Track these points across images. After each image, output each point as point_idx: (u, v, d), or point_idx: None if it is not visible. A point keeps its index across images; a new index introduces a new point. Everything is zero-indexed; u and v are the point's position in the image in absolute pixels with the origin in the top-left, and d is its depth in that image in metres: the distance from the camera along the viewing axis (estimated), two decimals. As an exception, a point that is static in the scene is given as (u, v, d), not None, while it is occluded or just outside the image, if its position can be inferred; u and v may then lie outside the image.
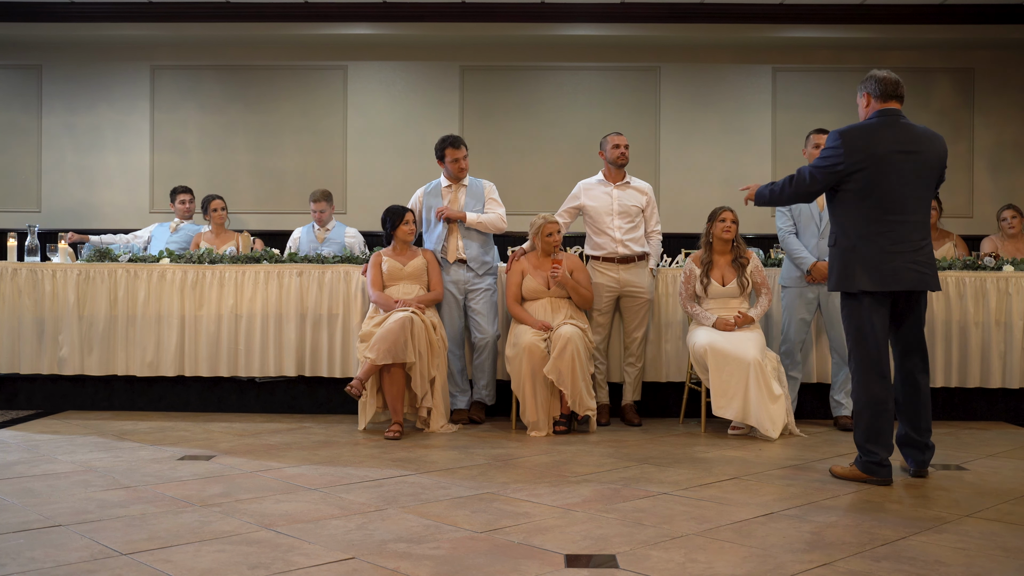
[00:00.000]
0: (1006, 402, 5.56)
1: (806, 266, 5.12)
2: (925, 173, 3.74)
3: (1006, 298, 5.44)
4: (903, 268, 3.67)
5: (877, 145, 3.69)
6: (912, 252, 3.69)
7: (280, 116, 8.09)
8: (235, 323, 5.48)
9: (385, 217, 5.26)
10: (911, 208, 3.70)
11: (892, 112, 3.77)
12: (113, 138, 8.10)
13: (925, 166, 3.73)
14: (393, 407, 4.85)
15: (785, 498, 3.46)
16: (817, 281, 5.12)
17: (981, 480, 3.84)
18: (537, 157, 8.02)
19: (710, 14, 7.67)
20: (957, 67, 8.01)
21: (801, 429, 5.03)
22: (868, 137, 3.72)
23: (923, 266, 3.71)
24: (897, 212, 3.69)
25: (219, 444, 4.54)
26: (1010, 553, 2.76)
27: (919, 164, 3.72)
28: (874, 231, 3.69)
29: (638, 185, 5.46)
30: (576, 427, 5.08)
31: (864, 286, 3.69)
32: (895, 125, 3.74)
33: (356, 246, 6.46)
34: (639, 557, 2.65)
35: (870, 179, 3.69)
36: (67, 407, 5.64)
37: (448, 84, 8.07)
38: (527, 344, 4.87)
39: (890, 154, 3.69)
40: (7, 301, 5.50)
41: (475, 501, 3.36)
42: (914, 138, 3.74)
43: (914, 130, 3.77)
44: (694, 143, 8.07)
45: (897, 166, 3.68)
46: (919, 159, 3.72)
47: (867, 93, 3.83)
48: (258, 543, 2.78)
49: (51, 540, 2.80)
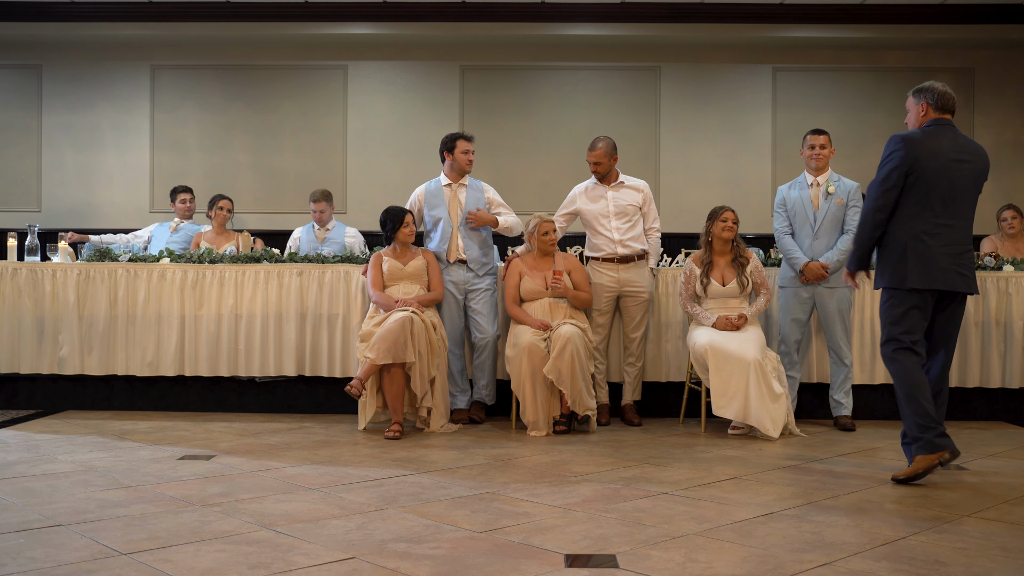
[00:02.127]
0: (1006, 402, 5.56)
1: (799, 266, 5.13)
2: (974, 181, 3.92)
3: (1006, 298, 5.44)
4: (949, 269, 3.83)
5: (935, 151, 3.85)
6: (959, 255, 3.86)
7: (280, 116, 8.09)
8: (235, 323, 5.48)
9: (384, 219, 5.25)
10: (961, 213, 3.88)
11: (946, 123, 3.94)
12: (113, 138, 8.10)
13: (975, 175, 3.91)
14: (393, 407, 4.85)
15: (785, 498, 3.46)
16: (810, 281, 5.13)
17: (981, 480, 3.84)
18: (537, 157, 8.02)
19: (710, 14, 7.67)
20: (957, 67, 8.01)
21: (801, 429, 5.03)
22: (927, 143, 3.87)
23: (967, 269, 3.89)
24: (949, 216, 3.85)
25: (219, 444, 4.54)
26: (1010, 553, 2.76)
27: (970, 172, 3.89)
28: (927, 231, 3.83)
29: (633, 184, 5.46)
30: (576, 427, 5.08)
31: (913, 283, 3.81)
32: (954, 135, 3.92)
33: (356, 246, 6.46)
34: (639, 557, 2.65)
35: (927, 182, 3.83)
36: (67, 407, 5.64)
37: (448, 84, 8.07)
38: (527, 344, 4.87)
39: (948, 161, 3.85)
40: (7, 301, 5.51)
41: (475, 501, 3.36)
42: (966, 148, 3.92)
43: (965, 140, 3.95)
44: (694, 143, 8.07)
45: (952, 172, 3.85)
46: (971, 168, 3.90)
47: (926, 102, 3.97)
48: (258, 543, 2.78)
49: (51, 540, 2.80)
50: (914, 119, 4.00)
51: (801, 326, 5.24)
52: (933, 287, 3.81)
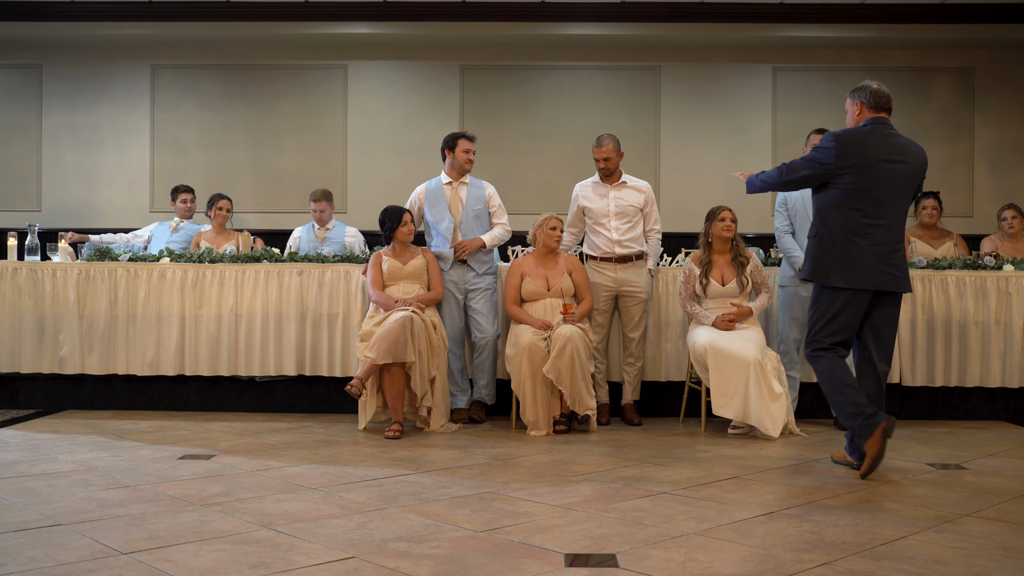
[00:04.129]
0: (1006, 402, 5.56)
1: (799, 265, 5.12)
2: (907, 182, 3.94)
3: (1006, 298, 5.44)
4: (876, 269, 3.88)
5: (868, 151, 3.89)
6: (886, 255, 3.90)
7: (280, 115, 8.09)
8: (235, 322, 5.48)
9: (383, 219, 5.25)
10: (890, 213, 3.92)
11: (882, 122, 3.96)
12: (113, 137, 8.10)
13: (908, 175, 3.94)
14: (393, 406, 4.85)
15: (785, 498, 3.46)
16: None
17: (981, 480, 3.84)
18: (537, 156, 8.02)
19: (710, 13, 7.67)
20: (957, 66, 8.01)
21: (801, 428, 5.03)
22: (861, 142, 3.91)
23: (896, 269, 3.92)
24: (878, 216, 3.90)
25: (219, 443, 4.54)
26: (1010, 553, 2.76)
27: (903, 173, 3.92)
28: (854, 231, 3.89)
29: (635, 184, 5.46)
30: (576, 426, 5.08)
31: (837, 283, 3.90)
32: (884, 134, 3.94)
33: (356, 245, 6.46)
34: (639, 556, 2.66)
35: (857, 182, 3.88)
36: (67, 406, 5.64)
37: (448, 83, 8.07)
38: (527, 343, 4.88)
39: (878, 161, 3.88)
40: (7, 300, 5.51)
41: (475, 500, 3.36)
42: (901, 148, 3.94)
43: (901, 140, 3.97)
44: (694, 143, 8.07)
45: (884, 172, 3.88)
46: (904, 168, 3.92)
47: (860, 102, 4.01)
48: (258, 542, 2.79)
49: (51, 539, 2.80)
50: (851, 119, 4.05)
51: (801, 325, 5.23)
52: (858, 287, 3.87)
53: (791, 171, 4.04)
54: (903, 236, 3.98)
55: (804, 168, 4.00)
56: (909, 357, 5.46)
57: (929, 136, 7.97)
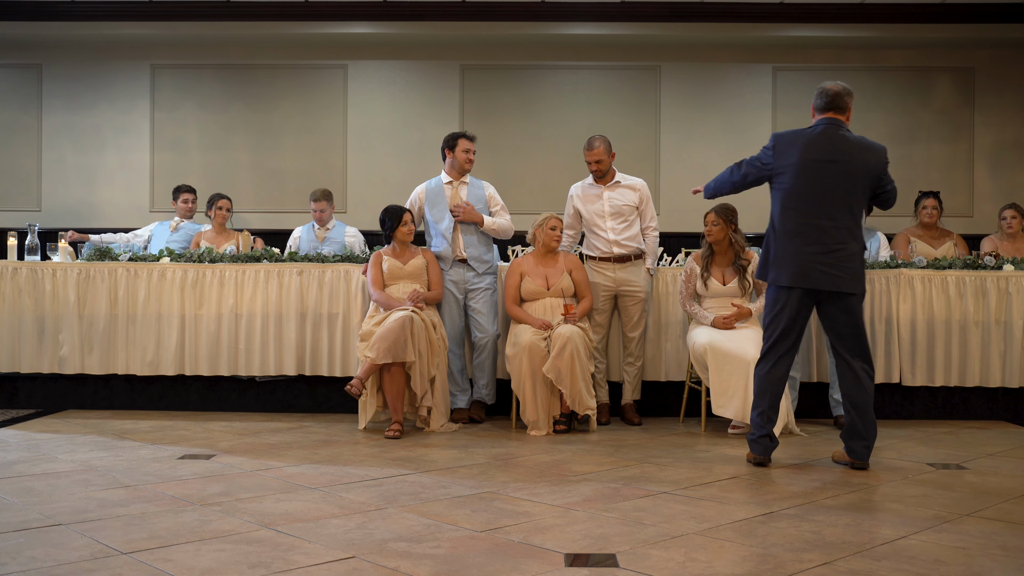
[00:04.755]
0: (1006, 401, 5.56)
1: None
2: (848, 181, 3.94)
3: (1006, 297, 5.44)
4: (812, 268, 3.91)
5: (805, 152, 3.95)
6: (824, 254, 3.91)
7: (280, 115, 8.09)
8: (235, 322, 5.48)
9: (383, 218, 5.26)
10: (829, 213, 3.93)
11: (829, 122, 4.02)
12: (113, 137, 8.10)
13: (848, 175, 3.94)
14: (393, 406, 4.85)
15: (785, 497, 3.46)
16: None
17: (981, 480, 3.84)
18: (537, 156, 8.01)
19: (710, 13, 7.67)
20: (957, 66, 8.01)
21: (801, 428, 5.03)
22: (798, 143, 3.99)
23: (836, 268, 3.92)
24: (814, 216, 3.93)
25: (219, 443, 4.54)
26: (1010, 552, 2.76)
27: (842, 172, 3.93)
28: (792, 231, 3.95)
29: (630, 183, 5.45)
30: (576, 426, 5.08)
31: (774, 280, 3.99)
32: (828, 135, 3.99)
33: (356, 245, 6.46)
34: (639, 556, 2.66)
35: (792, 182, 3.95)
36: (67, 406, 5.64)
37: (448, 83, 8.07)
38: (527, 343, 4.88)
39: (813, 161, 3.93)
40: (7, 300, 5.51)
41: (475, 500, 3.36)
42: (843, 148, 3.96)
43: (846, 141, 3.98)
44: (694, 143, 8.06)
45: (819, 173, 3.92)
46: (841, 168, 3.93)
47: (813, 104, 4.13)
48: (258, 542, 2.79)
49: (51, 539, 2.80)
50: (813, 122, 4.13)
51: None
52: (790, 284, 3.92)
53: (737, 170, 4.15)
54: (847, 235, 3.92)
55: (747, 167, 4.11)
56: (909, 357, 5.46)
57: (929, 136, 7.97)
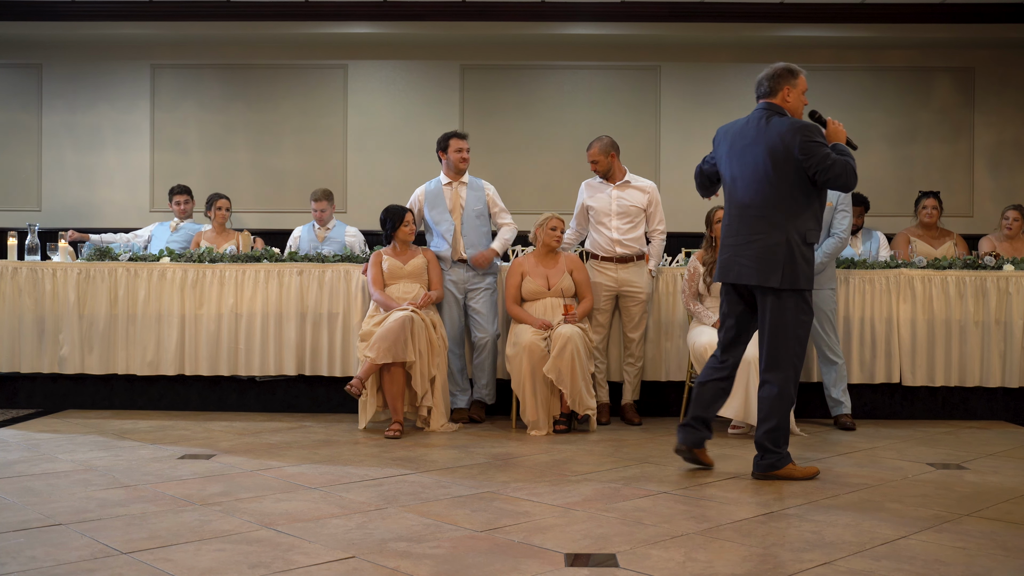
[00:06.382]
0: (1006, 401, 5.56)
1: None
2: (765, 165, 3.71)
3: (1006, 297, 5.44)
4: (731, 261, 3.82)
5: (731, 141, 3.88)
6: (742, 245, 3.78)
7: (280, 115, 8.09)
8: (235, 322, 5.48)
9: (384, 218, 5.26)
10: (753, 201, 3.76)
11: (760, 107, 3.90)
12: (113, 137, 8.10)
13: (759, 158, 3.74)
14: (393, 406, 4.85)
15: (785, 497, 3.46)
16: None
17: (981, 480, 3.84)
18: (537, 156, 8.01)
19: (710, 13, 7.66)
20: (957, 66, 8.01)
21: (801, 428, 5.03)
22: (730, 133, 3.92)
23: (750, 259, 3.71)
24: (735, 204, 3.85)
25: (219, 443, 4.54)
26: (1010, 552, 2.76)
27: (755, 157, 3.76)
28: (724, 223, 3.92)
29: (640, 184, 5.45)
30: (576, 426, 5.08)
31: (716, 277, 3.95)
32: (753, 120, 3.85)
33: (356, 245, 6.46)
34: (639, 556, 2.66)
35: (724, 172, 3.91)
36: (67, 406, 5.64)
37: (448, 83, 8.07)
38: (527, 343, 4.88)
39: (736, 149, 3.84)
40: (7, 300, 5.50)
41: (475, 500, 3.36)
42: (760, 132, 3.77)
43: (761, 124, 3.79)
44: (694, 143, 8.04)
45: (740, 161, 3.82)
46: (755, 151, 3.77)
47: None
48: (258, 542, 2.79)
49: (51, 539, 2.80)
50: None
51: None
52: (719, 279, 3.90)
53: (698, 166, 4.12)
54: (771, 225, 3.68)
55: (701, 162, 4.10)
56: (909, 357, 5.46)
57: (929, 136, 7.97)
